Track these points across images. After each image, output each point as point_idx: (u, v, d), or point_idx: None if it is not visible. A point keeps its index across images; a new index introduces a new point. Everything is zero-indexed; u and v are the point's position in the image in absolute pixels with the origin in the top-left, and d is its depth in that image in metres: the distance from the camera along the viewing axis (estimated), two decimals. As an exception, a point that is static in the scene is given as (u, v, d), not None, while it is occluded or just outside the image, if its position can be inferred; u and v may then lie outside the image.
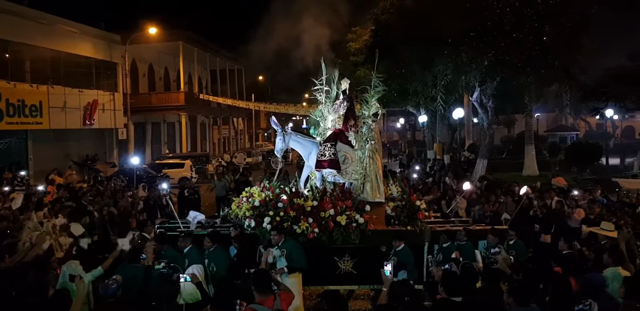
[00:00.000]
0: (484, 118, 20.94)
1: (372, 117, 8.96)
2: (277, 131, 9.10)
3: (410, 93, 22.34)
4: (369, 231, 8.13)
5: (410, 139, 49.78)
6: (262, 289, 4.87)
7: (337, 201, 8.26)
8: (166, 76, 39.78)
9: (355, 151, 8.79)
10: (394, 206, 8.66)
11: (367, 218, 8.16)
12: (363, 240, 8.06)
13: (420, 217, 8.51)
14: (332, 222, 8.03)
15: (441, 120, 28.50)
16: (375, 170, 8.62)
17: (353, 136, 8.89)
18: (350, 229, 8.04)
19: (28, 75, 24.63)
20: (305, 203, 8.26)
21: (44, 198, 14.19)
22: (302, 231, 7.99)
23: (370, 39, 24.75)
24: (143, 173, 22.33)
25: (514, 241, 8.03)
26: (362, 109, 9.16)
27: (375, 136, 8.82)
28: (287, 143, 9.00)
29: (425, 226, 8.42)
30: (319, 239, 7.98)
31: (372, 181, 8.58)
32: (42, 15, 24.98)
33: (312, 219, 8.07)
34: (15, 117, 23.08)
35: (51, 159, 24.23)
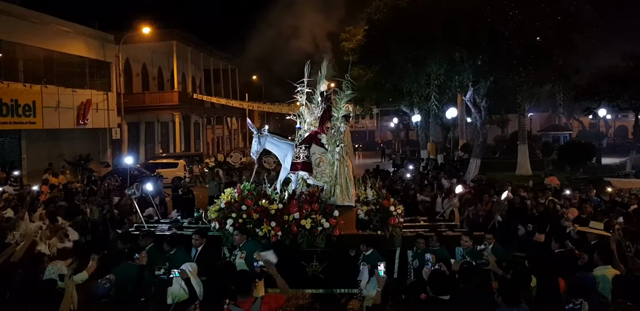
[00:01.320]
0: (478, 118, 21.02)
1: (342, 119, 8.88)
2: (253, 133, 9.08)
3: (404, 93, 22.39)
4: (335, 235, 7.98)
5: (404, 139, 49.88)
6: (242, 290, 4.82)
7: (304, 205, 8.13)
8: (160, 76, 39.68)
9: (327, 154, 8.71)
10: (367, 210, 8.55)
11: (333, 223, 8.01)
12: (330, 244, 7.94)
13: (392, 222, 8.32)
14: (295, 226, 7.91)
15: (435, 120, 28.58)
16: (345, 173, 8.53)
17: (325, 139, 8.77)
18: (315, 233, 7.91)
19: (21, 74, 24.54)
20: (269, 206, 8.15)
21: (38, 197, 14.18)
22: (264, 234, 7.91)
23: (364, 38, 24.80)
24: (137, 172, 22.29)
25: (492, 246, 7.71)
26: (332, 111, 9.02)
27: (346, 138, 8.72)
28: (262, 145, 9.00)
29: (397, 232, 8.29)
30: (283, 243, 7.88)
31: (341, 184, 8.49)
32: (35, 15, 24.88)
33: (275, 222, 7.96)
34: (9, 116, 22.98)
35: (45, 159, 24.16)
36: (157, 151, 36.80)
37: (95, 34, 29.90)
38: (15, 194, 14.09)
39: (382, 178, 17.46)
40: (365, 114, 44.33)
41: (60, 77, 26.49)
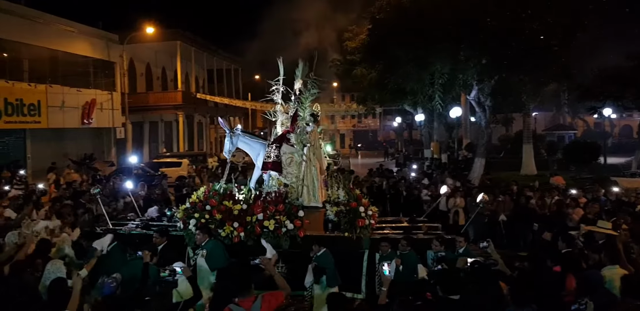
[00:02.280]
0: (482, 117, 20.97)
1: (310, 119, 8.78)
2: (225, 131, 9.06)
3: (407, 92, 22.34)
4: (300, 237, 7.92)
5: (407, 138, 49.81)
6: (242, 289, 4.81)
7: (269, 205, 8.06)
8: (164, 76, 39.76)
9: (295, 154, 8.68)
10: (336, 211, 8.46)
11: (297, 224, 7.95)
12: (295, 246, 7.87)
13: (361, 224, 8.19)
14: (259, 227, 7.86)
15: (438, 119, 28.54)
16: (312, 174, 8.50)
17: (294, 139, 8.74)
18: (278, 234, 7.86)
19: (26, 74, 24.62)
20: (233, 206, 8.10)
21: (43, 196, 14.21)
22: (226, 234, 7.88)
23: (367, 38, 24.77)
24: (141, 171, 22.34)
25: (464, 249, 7.60)
26: (297, 111, 8.97)
27: (313, 139, 8.64)
28: (235, 144, 9.00)
29: (365, 234, 8.18)
30: (245, 244, 7.83)
31: (307, 185, 8.47)
32: (40, 15, 24.96)
33: (238, 223, 7.92)
34: (14, 116, 23.07)
35: (49, 158, 24.21)
36: (161, 150, 36.88)
37: (99, 34, 29.98)
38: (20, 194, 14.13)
39: (386, 177, 17.56)
40: (368, 113, 44.43)
41: (65, 76, 26.59)
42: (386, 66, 21.60)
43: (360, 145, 59.83)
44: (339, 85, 54.40)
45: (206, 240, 7.43)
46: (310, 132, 8.63)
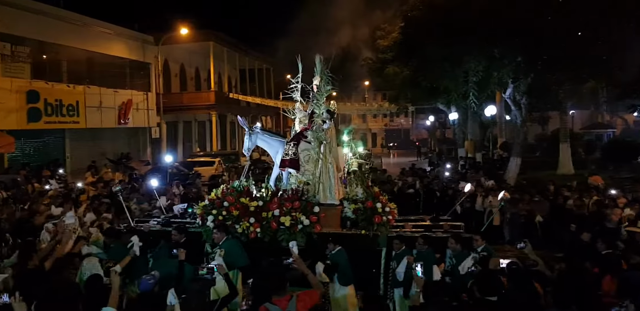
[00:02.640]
0: (517, 115, 20.61)
1: (327, 116, 8.78)
2: (245, 129, 9.14)
3: (441, 90, 22.11)
4: (316, 233, 7.95)
5: (440, 137, 49.31)
6: (277, 288, 4.82)
7: (285, 202, 8.10)
8: (197, 76, 40.27)
9: (312, 151, 8.70)
10: (354, 208, 8.43)
11: (313, 220, 7.98)
12: (311, 242, 7.88)
13: (377, 221, 8.16)
14: (275, 223, 7.91)
15: (472, 117, 28.14)
16: (328, 171, 8.49)
17: (310, 136, 8.75)
18: (294, 231, 7.90)
19: (65, 75, 25.22)
20: (250, 203, 8.16)
21: (81, 195, 14.59)
22: (242, 230, 7.94)
23: (399, 36, 24.59)
24: (175, 170, 22.69)
25: (482, 248, 7.44)
26: (310, 108, 9.02)
27: (329, 136, 8.63)
28: (254, 142, 9.09)
29: (382, 231, 8.14)
30: (262, 240, 7.89)
31: (323, 182, 8.47)
32: (78, 17, 25.55)
33: (255, 219, 7.99)
34: (53, 116, 23.67)
35: (87, 157, 24.80)
36: (195, 149, 37.38)
37: (135, 36, 30.56)
38: (61, 192, 14.53)
39: (419, 176, 17.43)
40: (400, 112, 44.09)
41: (102, 77, 27.13)
42: (419, 64, 21.43)
43: (392, 144, 59.47)
44: (371, 84, 54.18)
45: (224, 239, 7.52)
46: (326, 130, 8.65)
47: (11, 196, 14.13)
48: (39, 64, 23.40)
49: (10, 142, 19.71)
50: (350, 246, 7.53)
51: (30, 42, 22.68)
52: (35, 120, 22.54)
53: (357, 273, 7.28)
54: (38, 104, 22.64)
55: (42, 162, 22.67)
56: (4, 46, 21.13)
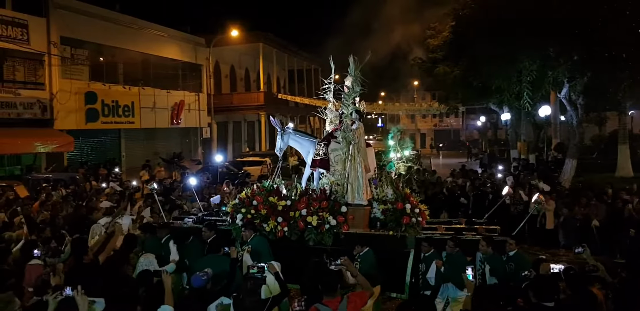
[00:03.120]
0: (573, 116, 19.92)
1: (356, 117, 8.73)
2: (277, 130, 9.25)
3: (493, 90, 21.62)
4: (343, 233, 7.91)
5: (492, 138, 48.25)
6: (328, 289, 4.80)
7: (313, 202, 8.12)
8: (247, 77, 40.86)
9: (340, 151, 8.68)
10: (383, 209, 8.37)
11: (341, 220, 7.95)
12: (338, 242, 7.84)
13: (405, 222, 8.06)
14: (302, 222, 7.93)
15: (526, 118, 27.39)
16: (356, 172, 8.44)
17: (339, 136, 8.74)
18: (321, 231, 7.89)
19: (121, 77, 26.12)
20: (278, 202, 8.22)
21: (136, 193, 15.03)
22: (270, 229, 8.01)
23: (450, 35, 24.21)
24: (225, 170, 23.08)
25: (514, 253, 7.20)
26: (341, 109, 8.98)
27: (357, 136, 8.57)
28: (286, 142, 9.21)
29: (410, 233, 8.00)
30: (289, 239, 7.94)
31: (352, 182, 8.44)
32: (133, 21, 26.36)
33: (282, 218, 8.05)
34: (110, 116, 24.53)
35: (142, 157, 25.56)
36: (244, 149, 37.94)
37: (187, 38, 31.30)
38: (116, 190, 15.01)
39: (470, 178, 17.11)
40: (450, 112, 43.39)
41: (156, 79, 27.94)
42: (470, 63, 21.03)
43: (441, 145, 58.63)
44: (420, 83, 53.57)
45: (252, 236, 7.65)
46: (354, 130, 8.63)
47: (70, 194, 14.71)
48: (96, 66, 24.32)
49: (70, 142, 20.52)
50: (378, 247, 7.48)
51: (89, 45, 23.58)
52: (93, 120, 23.42)
53: (383, 274, 7.16)
54: (96, 105, 23.52)
55: (99, 161, 23.52)
56: (64, 49, 22.04)
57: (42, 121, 20.64)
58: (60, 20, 21.30)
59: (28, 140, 18.82)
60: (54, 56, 21.27)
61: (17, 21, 19.59)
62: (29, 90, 20.50)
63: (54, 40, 21.20)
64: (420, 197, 14.68)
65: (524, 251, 12.42)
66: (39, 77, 21.14)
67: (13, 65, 20.32)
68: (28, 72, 20.86)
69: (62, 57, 21.78)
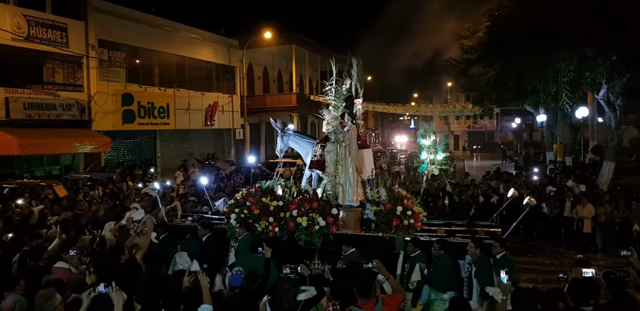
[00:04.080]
0: (611, 117, 19.41)
1: (348, 118, 8.77)
2: (278, 131, 9.40)
3: (529, 91, 21.24)
4: (332, 234, 7.98)
5: (527, 140, 47.36)
6: (364, 292, 4.78)
7: (305, 203, 8.23)
8: (279, 78, 41.10)
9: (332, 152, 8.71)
10: (376, 210, 8.40)
11: (330, 221, 8.02)
12: (328, 243, 7.90)
13: (395, 224, 8.11)
14: (292, 223, 8.04)
15: (562, 119, 26.81)
16: (347, 173, 8.48)
17: (333, 138, 8.77)
18: (311, 231, 7.99)
19: (157, 79, 26.60)
20: (270, 203, 8.34)
21: (172, 193, 15.27)
22: (262, 229, 8.14)
23: (485, 35, 23.88)
24: (258, 171, 23.25)
25: (502, 255, 6.98)
26: (332, 110, 9.05)
27: (348, 138, 8.58)
28: (286, 144, 9.37)
29: (400, 234, 8.03)
30: (280, 239, 8.05)
31: (342, 184, 8.49)
32: (168, 23, 26.82)
33: (273, 218, 8.16)
34: (146, 118, 25.01)
35: (176, 157, 25.98)
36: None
37: (221, 40, 31.69)
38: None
39: (504, 181, 16.86)
40: (484, 114, 42.79)
41: (191, 81, 28.35)
42: (505, 64, 20.71)
43: (475, 147, 57.84)
44: (454, 85, 52.98)
45: (243, 234, 7.95)
46: (345, 132, 8.67)
47: (108, 193, 15.06)
48: (133, 68, 24.82)
49: (107, 143, 20.98)
50: (367, 248, 7.53)
51: (125, 47, 24.10)
52: (129, 121, 23.92)
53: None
54: (132, 106, 24.02)
55: (135, 161, 24.01)
56: (101, 52, 22.58)
57: (80, 122, 21.19)
58: (98, 24, 21.82)
59: (67, 141, 19.31)
60: (92, 58, 21.81)
61: (57, 24, 20.15)
62: (68, 92, 21.06)
63: (92, 43, 21.74)
64: (455, 198, 14.67)
65: (561, 255, 12.26)
66: (77, 79, 21.71)
67: (53, 67, 20.92)
68: (67, 74, 21.45)
69: (99, 59, 22.31)
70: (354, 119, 8.98)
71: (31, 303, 5.60)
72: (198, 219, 9.61)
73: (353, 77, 9.45)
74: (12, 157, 18.32)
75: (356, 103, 9.55)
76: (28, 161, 19.91)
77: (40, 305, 5.51)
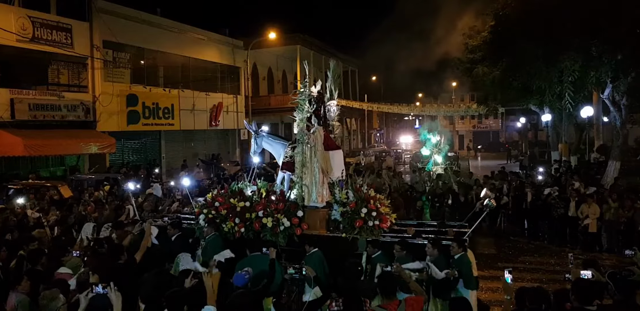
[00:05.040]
0: (617, 117, 19.33)
1: (315, 121, 8.86)
2: (252, 133, 9.54)
3: (534, 90, 21.17)
4: (297, 235, 8.10)
5: (532, 140, 47.22)
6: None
7: (271, 204, 8.38)
8: (284, 79, 41.13)
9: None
10: (342, 211, 8.45)
11: (295, 222, 8.15)
12: (292, 243, 8.02)
13: (358, 225, 8.15)
14: (257, 223, 8.19)
15: (567, 119, 26.70)
16: (313, 174, 8.54)
17: (299, 139, 8.88)
18: (275, 232, 8.12)
19: (161, 80, 26.66)
20: (237, 204, 8.48)
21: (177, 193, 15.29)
22: (229, 229, 8.31)
23: (489, 35, 23.80)
24: (262, 171, 23.24)
25: (460, 256, 7.01)
26: (296, 112, 9.19)
27: (313, 139, 8.65)
28: (260, 145, 9.56)
29: (363, 235, 8.05)
30: (247, 239, 8.17)
31: (307, 185, 8.56)
32: (174, 24, 26.90)
33: (240, 219, 8.32)
34: (150, 118, 25.07)
35: (181, 158, 26.02)
36: (282, 151, 38.10)
37: (226, 41, 31.75)
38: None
39: (509, 180, 16.80)
40: (489, 113, 42.69)
41: (195, 82, 28.41)
42: (510, 64, 20.64)
43: (480, 146, 57.69)
44: (458, 85, 52.90)
45: (211, 234, 8.10)
46: (310, 134, 8.76)
47: (114, 193, 15.11)
48: (137, 69, 24.89)
49: (112, 143, 21.04)
50: (331, 249, 7.61)
51: (130, 48, 24.17)
52: (134, 122, 23.98)
53: (335, 275, 7.11)
54: (137, 107, 24.09)
55: (139, 162, 24.05)
56: (106, 53, 22.66)
57: (85, 123, 21.27)
58: (102, 25, 21.89)
59: (72, 141, 19.38)
60: (97, 59, 21.90)
61: (62, 25, 20.23)
62: (73, 93, 21.16)
63: (96, 44, 21.83)
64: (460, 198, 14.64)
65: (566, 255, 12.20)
66: (82, 80, 21.80)
67: (57, 68, 21.01)
68: (72, 75, 21.54)
69: (104, 60, 22.39)
70: (321, 121, 9.05)
71: (34, 302, 5.62)
72: (174, 218, 9.81)
73: (329, 78, 9.53)
74: (18, 158, 18.40)
75: (331, 105, 9.64)
76: (33, 162, 19.97)
77: (45, 305, 5.53)
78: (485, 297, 9.17)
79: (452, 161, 22.07)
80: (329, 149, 8.99)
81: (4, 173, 18.65)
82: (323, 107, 9.22)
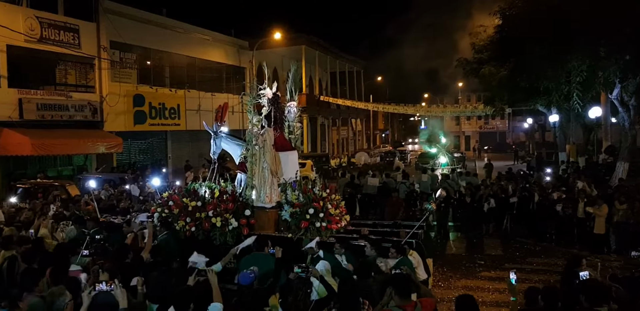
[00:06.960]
0: (625, 117, 19.23)
1: (264, 122, 8.96)
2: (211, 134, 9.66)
3: (541, 91, 21.07)
4: (244, 235, 8.21)
5: (539, 140, 47.03)
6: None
7: (221, 204, 8.49)
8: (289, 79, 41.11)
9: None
10: (291, 212, 8.53)
11: (243, 222, 8.33)
12: (240, 242, 7.83)
13: (303, 226, 8.26)
14: (207, 223, 8.33)
15: (575, 119, 26.57)
16: (262, 175, 8.66)
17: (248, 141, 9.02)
18: (223, 231, 8.29)
19: (167, 80, 26.74)
20: (190, 203, 8.60)
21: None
22: (180, 228, 8.45)
23: (496, 35, 23.72)
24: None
25: (398, 261, 6.93)
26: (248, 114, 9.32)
27: (263, 140, 8.74)
28: (219, 146, 9.71)
29: (307, 235, 8.15)
30: (197, 238, 8.37)
31: (255, 186, 8.71)
32: (180, 25, 26.97)
33: (190, 218, 8.46)
34: (157, 119, 25.15)
35: (187, 158, 26.06)
36: (287, 151, 38.11)
37: (232, 41, 31.81)
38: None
39: (515, 181, 16.74)
40: (496, 114, 42.54)
41: (201, 82, 28.46)
42: (517, 64, 20.56)
43: (486, 147, 57.52)
44: (465, 85, 52.79)
45: (163, 233, 8.16)
46: (259, 134, 8.84)
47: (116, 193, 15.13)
48: (144, 69, 24.97)
49: (119, 143, 21.12)
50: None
51: (137, 49, 24.26)
52: (140, 122, 24.05)
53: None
54: (143, 107, 24.16)
55: (146, 162, 24.11)
56: (113, 53, 22.74)
57: (92, 123, 21.34)
58: (109, 25, 21.97)
59: (80, 141, 19.46)
60: (104, 59, 21.98)
61: (69, 26, 20.32)
62: (80, 93, 21.24)
63: (103, 45, 21.90)
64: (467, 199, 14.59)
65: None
66: (89, 81, 21.88)
67: (65, 69, 21.11)
68: (79, 75, 21.63)
69: (111, 60, 22.47)
70: (271, 123, 9.10)
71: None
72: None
73: (288, 80, 9.63)
74: (26, 157, 18.48)
75: (291, 106, 9.70)
76: (41, 162, 20.06)
77: (51, 302, 5.52)
78: (493, 298, 9.13)
79: (459, 161, 22.02)
80: (283, 150, 9.08)
81: (12, 172, 18.74)
82: (275, 109, 9.29)
